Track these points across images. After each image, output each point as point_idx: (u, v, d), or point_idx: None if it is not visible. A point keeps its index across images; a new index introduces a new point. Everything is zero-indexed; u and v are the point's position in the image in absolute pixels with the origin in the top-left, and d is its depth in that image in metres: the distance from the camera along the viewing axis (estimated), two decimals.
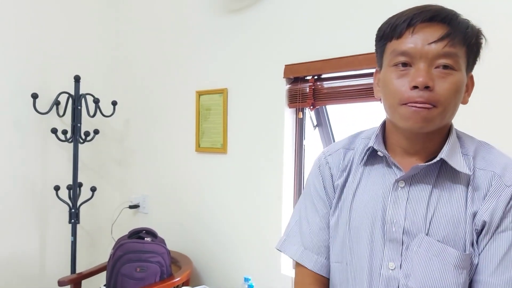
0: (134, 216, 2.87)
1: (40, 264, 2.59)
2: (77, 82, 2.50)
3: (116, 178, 2.93)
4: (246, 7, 2.22)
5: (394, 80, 0.85)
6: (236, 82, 2.26)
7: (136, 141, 2.87)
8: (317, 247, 1.01)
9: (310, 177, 1.08)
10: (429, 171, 0.89)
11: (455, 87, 0.83)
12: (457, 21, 0.83)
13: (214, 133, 2.36)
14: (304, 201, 1.07)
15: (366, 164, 0.97)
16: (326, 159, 1.04)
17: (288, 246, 1.06)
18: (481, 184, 0.86)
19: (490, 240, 0.84)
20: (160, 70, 2.69)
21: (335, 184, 1.01)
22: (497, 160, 0.88)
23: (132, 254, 2.15)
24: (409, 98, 0.82)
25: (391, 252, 0.89)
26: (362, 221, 0.94)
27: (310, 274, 1.01)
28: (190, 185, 2.52)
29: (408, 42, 0.83)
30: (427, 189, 0.88)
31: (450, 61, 0.82)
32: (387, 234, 0.89)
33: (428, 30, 0.82)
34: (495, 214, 0.84)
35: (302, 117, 2.08)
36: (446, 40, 0.81)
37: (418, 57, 0.82)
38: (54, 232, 2.62)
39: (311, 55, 1.93)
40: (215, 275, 2.38)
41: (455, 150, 0.89)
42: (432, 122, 0.83)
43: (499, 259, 0.83)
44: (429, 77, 0.81)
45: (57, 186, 2.46)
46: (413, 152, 0.91)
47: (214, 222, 2.39)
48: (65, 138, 2.49)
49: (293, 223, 1.08)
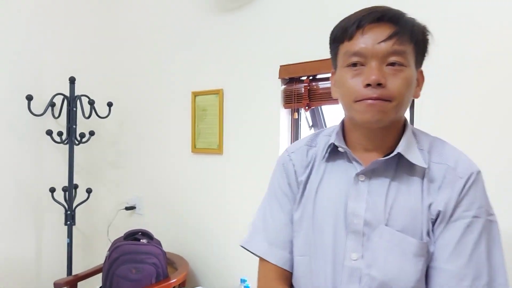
0: (130, 218, 2.86)
1: (36, 266, 2.58)
2: (72, 84, 2.50)
3: (112, 180, 2.92)
4: (241, 7, 2.22)
5: (348, 79, 0.90)
6: (232, 82, 2.26)
7: (132, 142, 2.86)
8: (282, 242, 1.04)
9: (274, 174, 1.11)
10: (388, 165, 0.93)
11: (406, 82, 0.88)
12: (403, 20, 0.88)
13: (210, 133, 2.36)
14: (269, 199, 1.10)
15: (328, 160, 1.01)
16: (290, 156, 1.07)
17: (252, 242, 1.08)
18: (436, 177, 0.91)
19: (444, 228, 0.89)
20: (155, 71, 2.69)
21: (299, 181, 1.04)
22: (450, 154, 0.93)
23: (128, 256, 2.14)
24: (364, 95, 0.87)
25: (354, 244, 0.92)
26: (325, 215, 0.97)
27: (273, 269, 1.04)
28: (186, 186, 2.51)
29: (359, 43, 0.88)
30: (386, 182, 0.92)
31: (400, 58, 0.86)
32: (349, 226, 0.93)
33: (377, 30, 0.87)
34: (449, 204, 0.88)
35: (298, 118, 2.08)
36: (394, 38, 0.86)
37: (370, 56, 0.87)
38: (50, 234, 2.61)
39: (306, 56, 1.93)
40: (211, 276, 2.38)
41: (411, 145, 0.94)
42: (387, 114, 0.88)
43: (452, 246, 0.87)
44: (381, 75, 0.86)
45: (53, 188, 2.45)
46: (372, 148, 0.95)
47: (210, 223, 2.38)
48: (61, 139, 2.49)
49: (257, 220, 1.10)
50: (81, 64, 2.72)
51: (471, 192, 0.88)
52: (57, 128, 2.52)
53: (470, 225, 0.87)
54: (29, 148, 2.53)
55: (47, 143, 2.48)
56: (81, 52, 2.74)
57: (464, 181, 0.88)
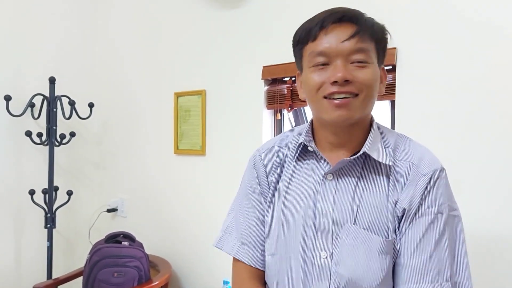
0: (113, 220, 2.83)
1: (15, 270, 2.52)
2: (52, 84, 2.45)
3: (93, 182, 2.88)
4: (224, 8, 2.21)
5: (315, 78, 0.92)
6: (215, 83, 2.24)
7: (113, 144, 2.82)
8: (254, 242, 1.06)
9: (245, 174, 1.13)
10: (355, 164, 0.96)
11: (371, 77, 0.91)
12: (363, 19, 0.91)
13: (193, 135, 2.34)
14: (240, 199, 1.11)
15: (298, 159, 1.03)
16: (261, 156, 1.09)
17: (225, 242, 1.09)
18: (401, 174, 0.93)
19: (409, 225, 0.91)
20: (137, 71, 2.66)
21: (270, 180, 1.06)
22: (414, 151, 0.96)
23: (109, 259, 2.11)
24: (332, 91, 0.89)
25: (323, 242, 0.94)
26: (295, 214, 0.99)
27: (246, 268, 1.05)
28: (169, 188, 2.49)
29: (323, 43, 0.90)
30: (353, 181, 0.95)
31: (363, 56, 0.90)
32: (318, 225, 0.95)
33: (339, 29, 0.90)
34: (413, 201, 0.90)
35: (280, 119, 2.08)
36: (356, 37, 0.89)
37: (335, 55, 0.89)
38: (30, 237, 2.56)
39: (289, 57, 1.90)
40: (194, 279, 2.36)
41: (377, 143, 0.96)
42: (355, 111, 0.90)
43: (416, 243, 0.89)
44: (347, 72, 0.88)
45: (32, 190, 2.41)
46: (340, 146, 0.98)
47: (193, 225, 2.37)
48: (40, 141, 2.44)
49: (229, 220, 1.12)
50: (62, 64, 2.67)
51: (434, 189, 0.91)
52: (37, 129, 2.47)
53: (433, 222, 0.90)
54: (8, 150, 2.47)
55: (27, 144, 2.44)
56: (62, 51, 2.69)
57: (427, 178, 0.91)
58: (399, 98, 1.65)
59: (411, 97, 1.61)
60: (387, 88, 1.69)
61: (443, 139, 1.54)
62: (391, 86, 1.67)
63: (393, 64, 1.64)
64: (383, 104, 1.77)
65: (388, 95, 1.69)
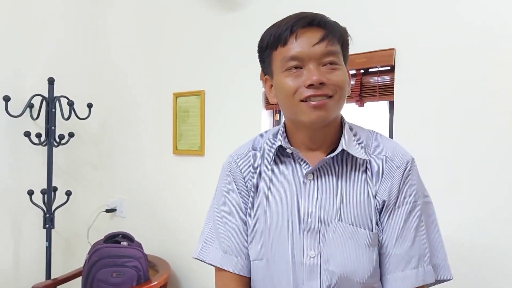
0: (111, 220, 2.83)
1: (14, 270, 2.52)
2: (51, 84, 2.45)
3: (92, 182, 2.88)
4: (223, 9, 2.21)
5: (289, 82, 0.93)
6: (214, 84, 2.25)
7: (112, 144, 2.83)
8: (237, 249, 1.04)
9: (221, 182, 1.11)
10: (332, 162, 0.98)
11: (343, 78, 0.94)
12: (329, 23, 0.95)
13: (192, 135, 2.35)
14: (218, 207, 1.10)
15: (275, 163, 1.03)
16: (236, 162, 1.08)
17: (206, 253, 1.07)
18: (376, 168, 0.97)
19: (389, 216, 0.95)
20: (136, 72, 2.66)
21: (248, 186, 1.06)
22: (386, 145, 1.00)
23: (108, 259, 2.11)
24: (308, 94, 0.91)
25: (310, 241, 0.95)
26: (279, 217, 0.99)
27: (232, 277, 1.04)
28: (168, 188, 2.49)
29: (295, 47, 0.92)
30: (333, 179, 0.97)
31: (334, 58, 0.93)
32: (304, 225, 0.96)
33: (309, 34, 0.92)
34: (391, 193, 0.95)
35: (279, 119, 2.08)
36: (326, 40, 0.92)
37: (307, 58, 0.91)
38: (28, 237, 2.56)
39: None
40: (193, 279, 2.36)
41: (351, 140, 0.99)
42: (331, 111, 0.93)
43: (398, 232, 0.94)
44: (321, 74, 0.91)
45: (31, 191, 2.40)
46: (315, 147, 1.00)
47: (191, 225, 2.37)
48: (39, 141, 2.44)
49: (207, 230, 1.09)
50: (61, 64, 2.67)
51: (408, 180, 0.96)
52: (36, 130, 2.47)
53: (411, 210, 0.95)
54: (6, 150, 2.47)
55: (25, 144, 2.43)
56: (61, 52, 2.69)
57: (402, 170, 0.95)
58: (397, 99, 1.65)
59: (409, 98, 1.62)
60: (386, 88, 1.71)
61: (441, 139, 1.55)
62: (390, 86, 1.68)
63: (391, 65, 1.65)
64: (381, 104, 1.78)
65: (387, 95, 1.70)
